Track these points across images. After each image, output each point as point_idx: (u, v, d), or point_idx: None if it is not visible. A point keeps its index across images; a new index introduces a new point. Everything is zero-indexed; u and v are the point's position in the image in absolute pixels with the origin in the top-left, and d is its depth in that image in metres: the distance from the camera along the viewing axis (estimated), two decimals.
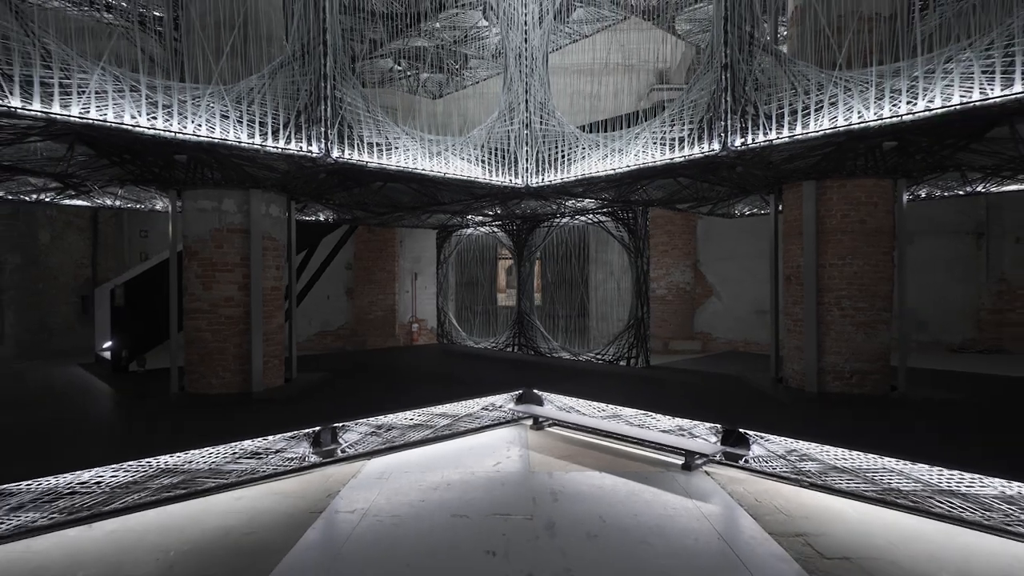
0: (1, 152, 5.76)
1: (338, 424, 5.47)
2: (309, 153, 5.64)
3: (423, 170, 6.57)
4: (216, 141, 5.16)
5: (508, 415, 6.82)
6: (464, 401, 6.50)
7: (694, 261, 12.89)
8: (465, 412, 6.47)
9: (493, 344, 11.39)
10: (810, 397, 6.30)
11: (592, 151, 6.96)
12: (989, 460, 4.05)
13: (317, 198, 8.02)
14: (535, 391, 7.06)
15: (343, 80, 5.83)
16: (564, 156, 7.29)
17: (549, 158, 7.42)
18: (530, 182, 7.50)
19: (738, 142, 5.53)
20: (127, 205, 9.13)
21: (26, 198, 8.01)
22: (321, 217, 9.95)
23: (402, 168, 6.39)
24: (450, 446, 5.87)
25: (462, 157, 6.95)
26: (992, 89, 4.12)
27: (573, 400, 6.69)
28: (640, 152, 6.43)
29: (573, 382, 7.60)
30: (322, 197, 7.98)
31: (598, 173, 6.89)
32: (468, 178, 7.01)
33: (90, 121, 4.41)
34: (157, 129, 4.78)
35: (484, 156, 7.17)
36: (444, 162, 6.76)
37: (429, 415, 6.13)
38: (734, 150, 5.57)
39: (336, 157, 5.78)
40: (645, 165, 6.42)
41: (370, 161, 6.08)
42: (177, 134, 4.89)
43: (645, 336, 8.91)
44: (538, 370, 8.74)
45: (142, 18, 7.03)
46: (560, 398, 6.83)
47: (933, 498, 4.03)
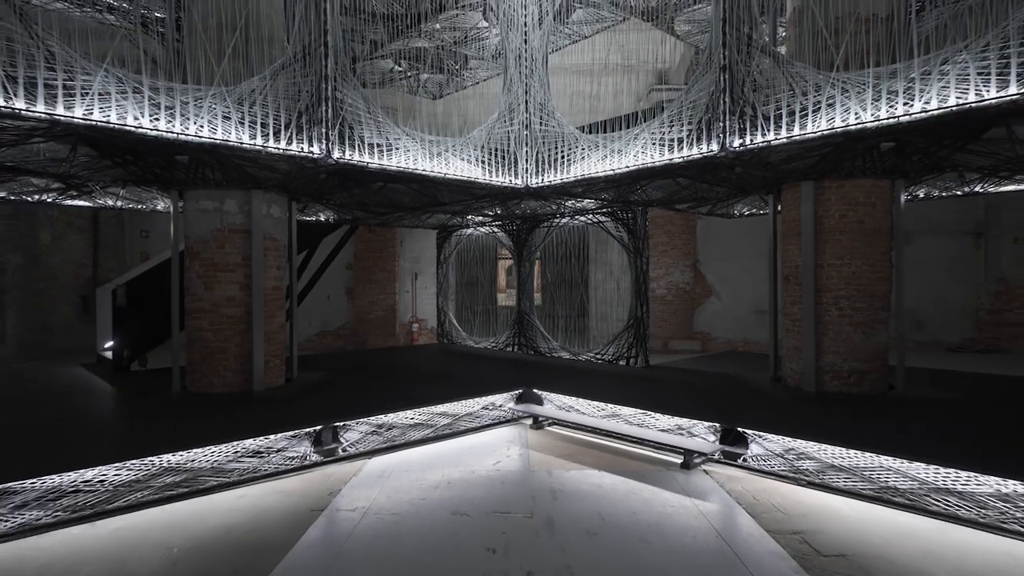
0: (4, 153, 5.80)
1: (339, 423, 5.51)
2: (310, 154, 5.68)
3: (423, 171, 6.61)
4: (218, 142, 5.20)
5: (508, 414, 6.86)
6: (464, 400, 6.53)
7: (694, 261, 12.91)
8: (465, 411, 6.50)
9: (493, 344, 11.43)
10: (808, 396, 6.34)
11: (592, 152, 7.00)
12: (990, 460, 4.06)
13: (318, 198, 8.06)
14: (535, 391, 7.10)
15: (344, 81, 5.86)
16: (564, 157, 7.32)
17: (549, 159, 7.45)
18: (530, 182, 7.53)
19: (736, 143, 5.56)
20: (128, 205, 9.17)
21: (28, 198, 8.05)
22: (322, 217, 9.99)
23: (403, 169, 6.42)
24: (450, 445, 5.91)
25: (462, 158, 6.98)
26: (988, 91, 4.15)
27: (573, 399, 6.72)
28: (639, 153, 6.47)
29: (573, 382, 7.63)
30: (323, 197, 8.01)
31: (598, 174, 6.92)
32: (468, 178, 7.05)
33: (93, 123, 4.45)
34: (160, 130, 4.82)
35: (484, 157, 7.21)
36: (444, 163, 6.79)
37: (429, 414, 6.17)
38: (732, 151, 5.61)
39: (337, 158, 5.82)
40: (644, 166, 6.45)
41: (371, 162, 6.12)
42: (179, 135, 4.93)
43: (644, 336, 8.95)
44: (538, 370, 8.78)
45: (144, 20, 7.06)
46: (560, 397, 6.87)
47: (929, 496, 4.06)
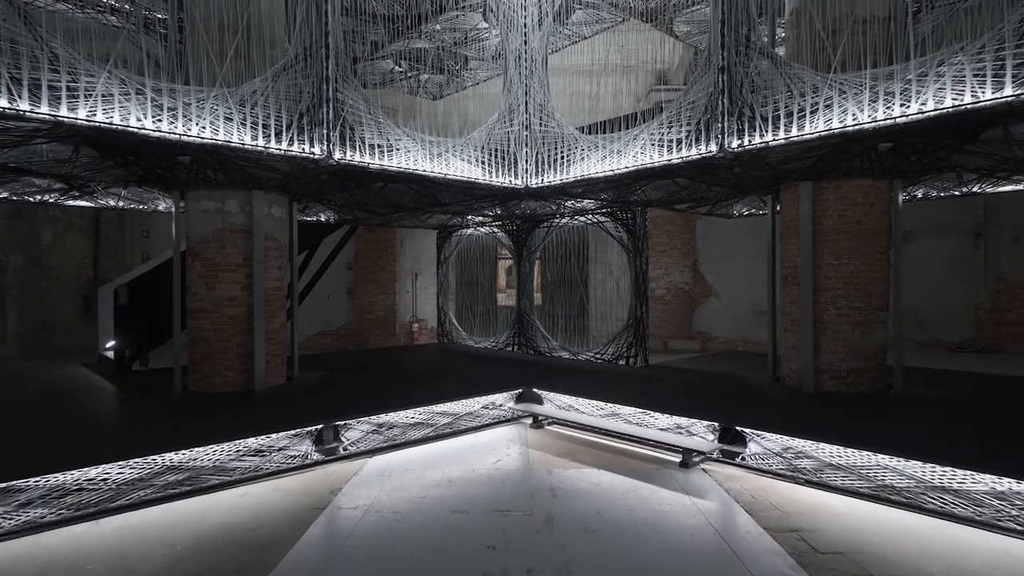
0: (8, 154, 5.83)
1: (340, 422, 5.54)
2: (311, 155, 5.71)
3: (424, 171, 6.64)
4: (220, 143, 5.23)
5: (508, 414, 6.89)
6: (464, 400, 6.56)
7: (693, 261, 12.94)
8: (465, 411, 6.54)
9: (493, 344, 11.46)
10: (807, 395, 6.37)
11: (591, 152, 7.03)
12: (988, 459, 4.08)
13: (319, 199, 8.09)
14: (535, 390, 7.13)
15: (345, 82, 5.90)
16: (563, 157, 7.35)
17: (549, 159, 7.49)
18: (530, 183, 7.56)
19: (735, 144, 5.60)
20: (130, 206, 9.21)
21: (30, 199, 8.08)
22: (322, 217, 10.02)
23: (403, 169, 6.46)
24: (451, 444, 5.94)
25: (462, 158, 7.01)
26: (983, 92, 4.18)
27: (572, 399, 6.75)
28: (638, 153, 6.50)
29: (572, 381, 7.66)
30: (323, 198, 8.05)
31: (597, 174, 6.96)
32: (468, 179, 7.08)
33: (97, 124, 4.48)
34: (162, 131, 4.85)
35: (484, 157, 7.24)
36: (444, 163, 6.82)
37: (430, 414, 6.20)
38: (731, 151, 5.64)
39: (338, 159, 5.85)
40: (643, 166, 6.49)
41: (371, 162, 6.15)
42: (182, 136, 4.97)
43: (644, 335, 8.98)
44: (538, 369, 8.81)
45: (147, 21, 7.10)
46: (559, 397, 6.90)
47: (926, 494, 4.09)
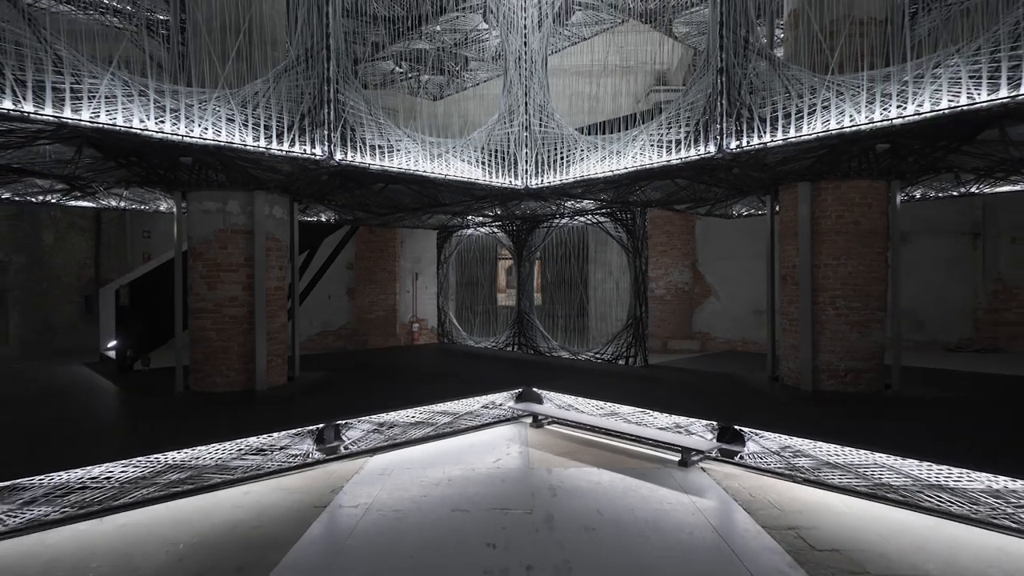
0: (11, 155, 5.87)
1: (341, 421, 5.58)
2: (313, 156, 5.75)
3: (424, 172, 6.67)
4: (222, 144, 5.27)
5: (508, 413, 6.92)
6: (465, 399, 6.59)
7: (692, 261, 12.98)
8: (465, 410, 6.57)
9: (493, 343, 11.49)
10: (805, 395, 6.40)
11: (591, 153, 7.06)
12: (987, 458, 4.11)
13: (319, 199, 8.13)
14: (535, 389, 7.16)
15: (346, 84, 5.93)
16: (563, 158, 7.39)
17: (548, 160, 7.52)
18: (530, 183, 7.60)
19: (733, 144, 5.63)
20: (131, 206, 9.24)
21: (32, 199, 8.12)
22: (323, 218, 10.06)
23: (404, 170, 6.49)
24: (451, 443, 5.98)
25: (463, 159, 7.05)
26: (979, 94, 4.22)
27: (572, 398, 6.78)
28: (638, 154, 6.53)
29: (572, 381, 7.69)
30: (324, 198, 8.08)
31: (597, 175, 6.99)
32: (468, 180, 7.11)
33: (100, 125, 4.52)
34: (165, 133, 4.89)
35: (484, 158, 7.27)
36: (445, 164, 6.86)
37: (430, 413, 6.24)
38: (729, 152, 5.67)
39: (339, 159, 5.88)
40: (643, 167, 6.52)
41: (372, 163, 6.18)
42: (184, 137, 5.00)
43: (643, 335, 9.01)
44: (537, 369, 8.84)
45: (149, 23, 7.13)
46: (559, 396, 6.93)
47: (922, 492, 4.13)
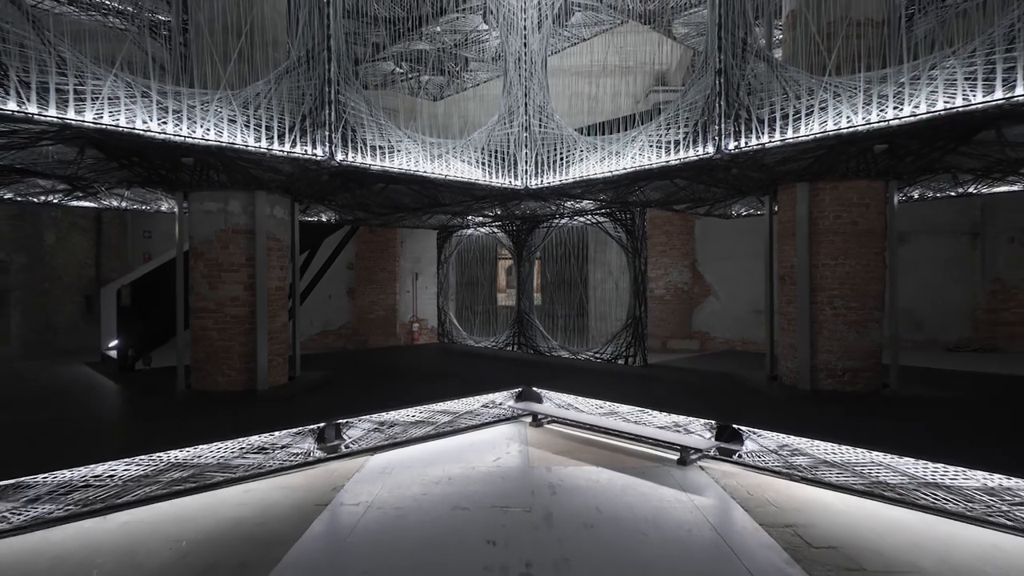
0: (14, 155, 5.90)
1: (342, 420, 5.61)
2: (314, 156, 5.78)
3: (424, 172, 6.71)
4: (223, 144, 5.30)
5: (508, 412, 6.95)
6: (465, 399, 6.63)
7: (692, 261, 13.01)
8: (466, 409, 6.61)
9: (493, 343, 11.53)
10: (803, 394, 6.43)
11: (590, 153, 7.10)
12: (985, 457, 4.14)
13: (320, 199, 8.16)
14: (534, 389, 7.20)
15: (347, 85, 5.97)
16: (563, 158, 7.42)
17: (548, 160, 7.55)
18: (529, 184, 7.63)
19: (732, 145, 5.67)
20: (132, 206, 9.27)
21: (34, 199, 8.15)
22: (324, 218, 10.09)
23: (404, 170, 6.53)
24: (451, 442, 6.01)
25: (463, 159, 7.08)
26: (975, 95, 4.25)
27: (571, 397, 6.82)
28: (637, 155, 6.57)
29: (572, 380, 7.73)
30: (325, 199, 8.12)
31: (596, 175, 7.02)
32: (468, 180, 7.15)
33: (103, 126, 4.55)
34: (167, 134, 4.92)
35: (484, 158, 7.31)
36: (445, 164, 6.89)
37: (430, 412, 6.27)
38: (728, 153, 5.71)
39: (340, 160, 5.92)
40: (642, 167, 6.55)
41: (373, 164, 6.22)
42: (186, 138, 5.03)
43: (643, 335, 9.04)
44: (537, 368, 8.88)
45: (152, 25, 7.17)
46: (559, 396, 6.97)
47: (918, 490, 4.16)
